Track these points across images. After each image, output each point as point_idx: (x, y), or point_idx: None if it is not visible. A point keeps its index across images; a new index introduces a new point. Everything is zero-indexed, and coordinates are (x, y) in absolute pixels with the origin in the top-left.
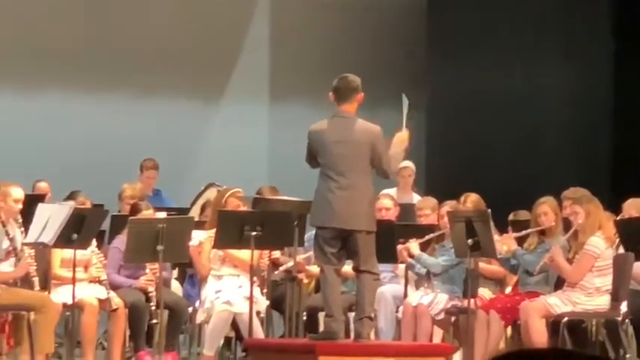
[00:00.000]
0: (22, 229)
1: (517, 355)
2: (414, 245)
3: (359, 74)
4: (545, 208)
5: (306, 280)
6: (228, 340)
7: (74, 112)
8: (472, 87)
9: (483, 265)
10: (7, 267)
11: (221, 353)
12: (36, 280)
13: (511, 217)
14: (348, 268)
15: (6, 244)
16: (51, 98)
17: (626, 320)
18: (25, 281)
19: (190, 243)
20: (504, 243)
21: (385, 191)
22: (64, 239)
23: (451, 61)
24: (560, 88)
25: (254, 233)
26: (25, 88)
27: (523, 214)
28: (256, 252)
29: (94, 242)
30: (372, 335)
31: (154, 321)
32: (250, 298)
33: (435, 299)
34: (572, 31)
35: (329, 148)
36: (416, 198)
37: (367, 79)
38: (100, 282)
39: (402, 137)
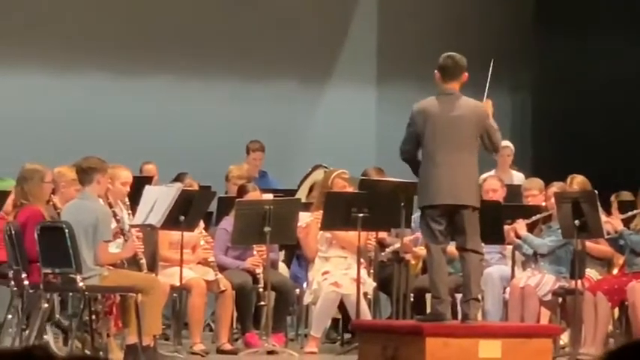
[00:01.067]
0: (129, 211)
1: (632, 348)
2: (521, 226)
3: (466, 55)
4: None
5: (413, 262)
6: (335, 322)
7: (182, 96)
8: (579, 67)
9: (591, 245)
10: (115, 248)
11: (328, 334)
12: (143, 262)
13: (613, 197)
14: (453, 247)
15: (113, 225)
16: (160, 82)
17: None
18: (133, 263)
19: (298, 224)
20: (611, 223)
21: (485, 175)
22: (172, 221)
23: (558, 41)
24: None
25: (361, 215)
26: (135, 73)
27: (625, 195)
28: (363, 233)
29: (202, 224)
30: (479, 316)
31: (262, 303)
32: (357, 280)
33: (542, 280)
34: None
35: (435, 123)
36: (515, 177)
37: (473, 60)
38: (207, 263)
39: (489, 107)
